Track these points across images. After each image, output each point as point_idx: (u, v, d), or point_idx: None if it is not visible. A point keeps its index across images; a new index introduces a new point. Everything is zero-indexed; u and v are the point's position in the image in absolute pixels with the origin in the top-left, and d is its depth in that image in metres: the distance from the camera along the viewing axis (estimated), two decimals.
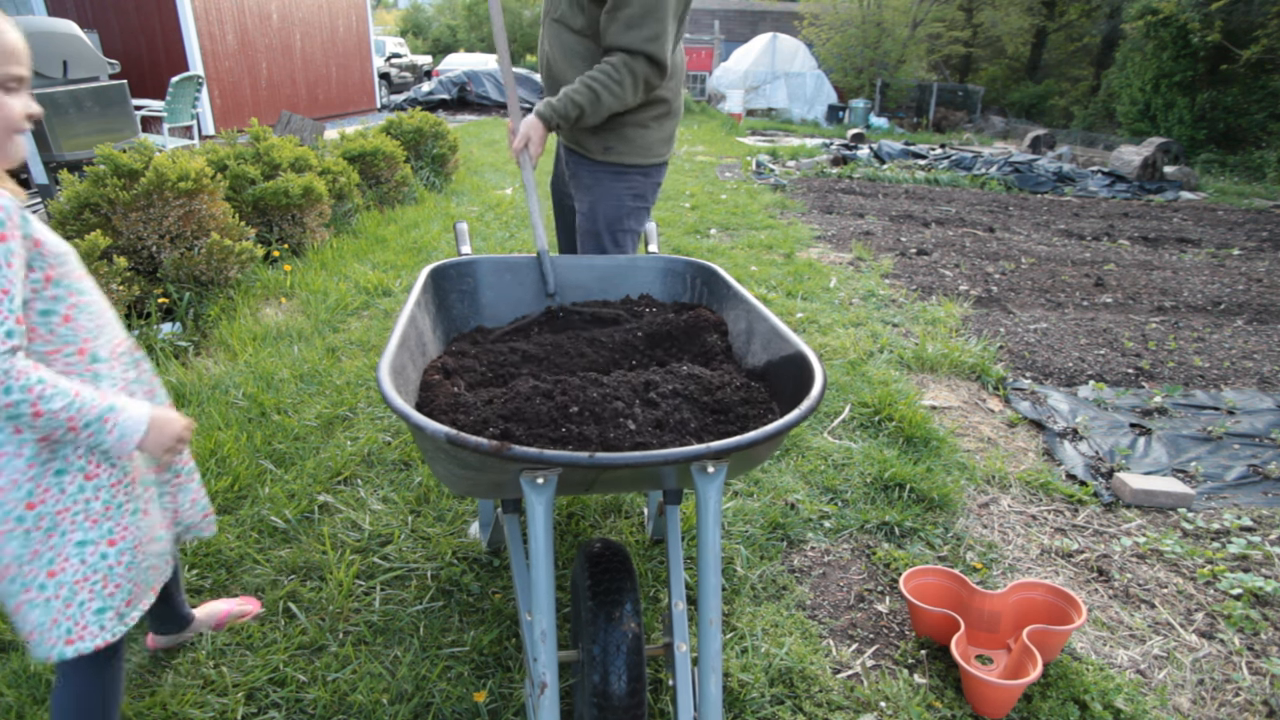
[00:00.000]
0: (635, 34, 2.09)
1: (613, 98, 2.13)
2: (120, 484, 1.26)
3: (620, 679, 1.36)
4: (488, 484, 1.34)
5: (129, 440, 1.18)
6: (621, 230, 2.41)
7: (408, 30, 38.10)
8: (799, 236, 6.50)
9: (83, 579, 1.22)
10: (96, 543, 1.23)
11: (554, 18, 2.31)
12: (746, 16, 29.10)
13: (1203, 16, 14.18)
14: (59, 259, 1.19)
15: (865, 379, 3.47)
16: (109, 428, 1.16)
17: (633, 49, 2.10)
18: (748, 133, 16.65)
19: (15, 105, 1.15)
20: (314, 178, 4.81)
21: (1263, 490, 2.80)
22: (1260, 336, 4.57)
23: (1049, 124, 20.93)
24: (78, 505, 1.21)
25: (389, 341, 1.43)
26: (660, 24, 2.08)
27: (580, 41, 2.26)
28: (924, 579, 2.01)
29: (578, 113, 2.14)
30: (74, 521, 1.21)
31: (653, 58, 2.12)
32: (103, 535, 1.24)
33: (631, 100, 2.18)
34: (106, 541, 1.24)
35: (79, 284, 1.23)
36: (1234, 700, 1.86)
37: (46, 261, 1.17)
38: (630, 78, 2.12)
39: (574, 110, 2.13)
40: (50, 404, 1.09)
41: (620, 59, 2.12)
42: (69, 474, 1.20)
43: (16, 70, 1.14)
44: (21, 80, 1.15)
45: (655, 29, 2.08)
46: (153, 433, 1.21)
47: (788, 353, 1.50)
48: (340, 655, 1.80)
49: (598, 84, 2.12)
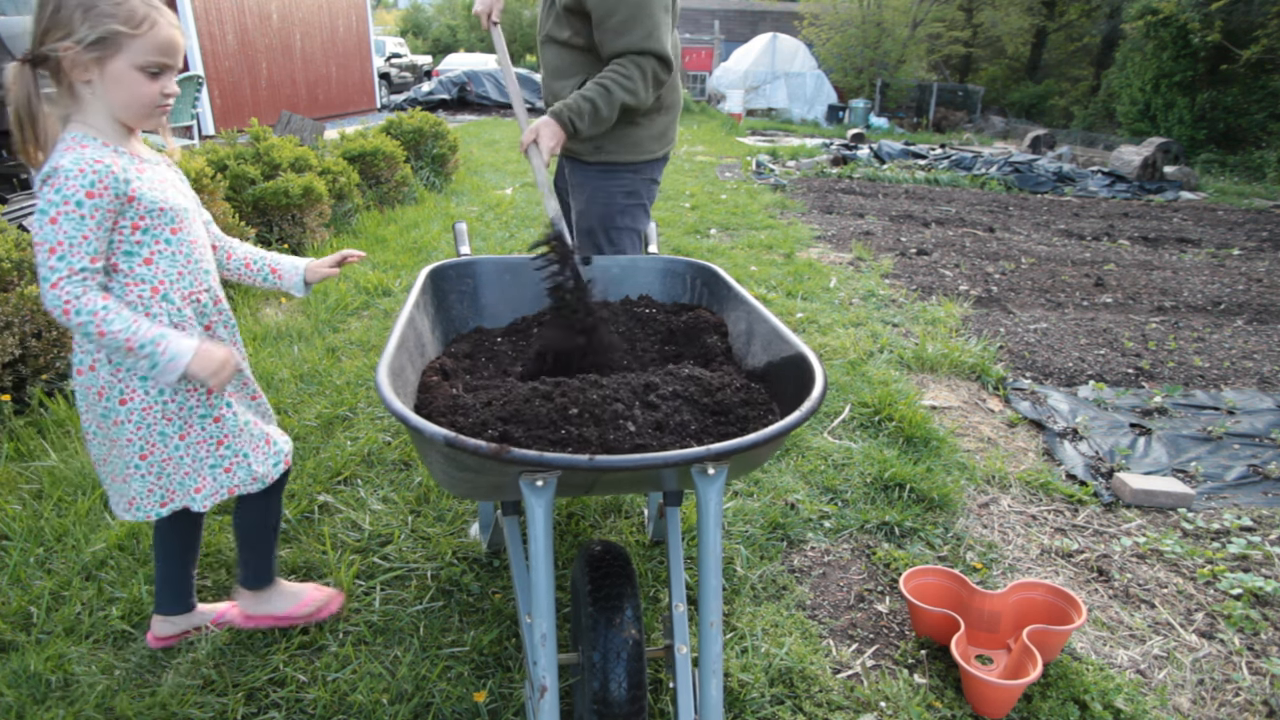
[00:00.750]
0: (630, 36, 2.11)
1: (625, 92, 2.14)
2: (194, 391, 1.53)
3: (620, 685, 1.36)
4: (487, 486, 1.33)
5: (178, 362, 1.39)
6: (615, 228, 2.42)
7: (408, 30, 38.11)
8: (799, 236, 6.50)
9: (166, 458, 1.53)
10: (172, 436, 1.53)
11: (544, 34, 2.34)
12: (746, 16, 29.09)
13: (1203, 16, 14.18)
14: (152, 214, 1.44)
15: (865, 379, 3.47)
16: (160, 350, 1.38)
17: (632, 50, 2.13)
18: (748, 133, 16.65)
19: (154, 87, 1.39)
20: (314, 178, 4.81)
21: (1263, 490, 2.80)
22: (1260, 336, 4.57)
23: (1049, 124, 20.93)
24: (158, 404, 1.50)
25: (388, 343, 1.43)
26: (651, 19, 2.11)
27: (569, 54, 2.29)
28: (924, 579, 2.01)
29: (590, 107, 2.13)
30: (155, 417, 1.50)
31: (654, 53, 2.14)
32: (175, 430, 1.53)
33: (645, 96, 2.19)
34: (178, 436, 1.53)
35: (168, 235, 1.48)
36: (1234, 700, 1.86)
37: (138, 213, 1.42)
38: (639, 72, 2.14)
39: (586, 105, 2.13)
40: (110, 325, 1.34)
41: (626, 59, 2.14)
42: (150, 379, 1.47)
43: (162, 60, 1.38)
44: (165, 68, 1.39)
45: (648, 26, 2.11)
46: (198, 359, 1.41)
47: (788, 354, 1.50)
48: (340, 655, 1.80)
49: (608, 80, 2.14)
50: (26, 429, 2.66)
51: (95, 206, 1.34)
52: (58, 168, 1.33)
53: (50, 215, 1.32)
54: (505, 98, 17.86)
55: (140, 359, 1.38)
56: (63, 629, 1.85)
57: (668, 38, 2.18)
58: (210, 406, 1.56)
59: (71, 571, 2.03)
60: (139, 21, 1.33)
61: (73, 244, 1.33)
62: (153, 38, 1.35)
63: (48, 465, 2.48)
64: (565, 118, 2.13)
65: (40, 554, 2.10)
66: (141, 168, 1.44)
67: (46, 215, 1.32)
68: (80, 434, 2.67)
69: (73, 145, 1.36)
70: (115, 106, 1.39)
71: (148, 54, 1.35)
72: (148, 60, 1.36)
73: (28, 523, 2.20)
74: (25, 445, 2.59)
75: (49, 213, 1.32)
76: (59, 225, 1.32)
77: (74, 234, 1.33)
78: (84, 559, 2.07)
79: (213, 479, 1.60)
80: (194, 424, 1.55)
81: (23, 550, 2.10)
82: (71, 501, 2.32)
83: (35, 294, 2.70)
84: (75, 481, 2.40)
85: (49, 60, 1.34)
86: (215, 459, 1.59)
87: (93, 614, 1.90)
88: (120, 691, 1.68)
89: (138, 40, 1.34)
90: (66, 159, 1.33)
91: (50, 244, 1.32)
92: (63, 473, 2.44)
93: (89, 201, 1.33)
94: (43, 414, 2.74)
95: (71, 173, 1.32)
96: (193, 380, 1.46)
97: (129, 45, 1.33)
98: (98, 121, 1.40)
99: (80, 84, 1.36)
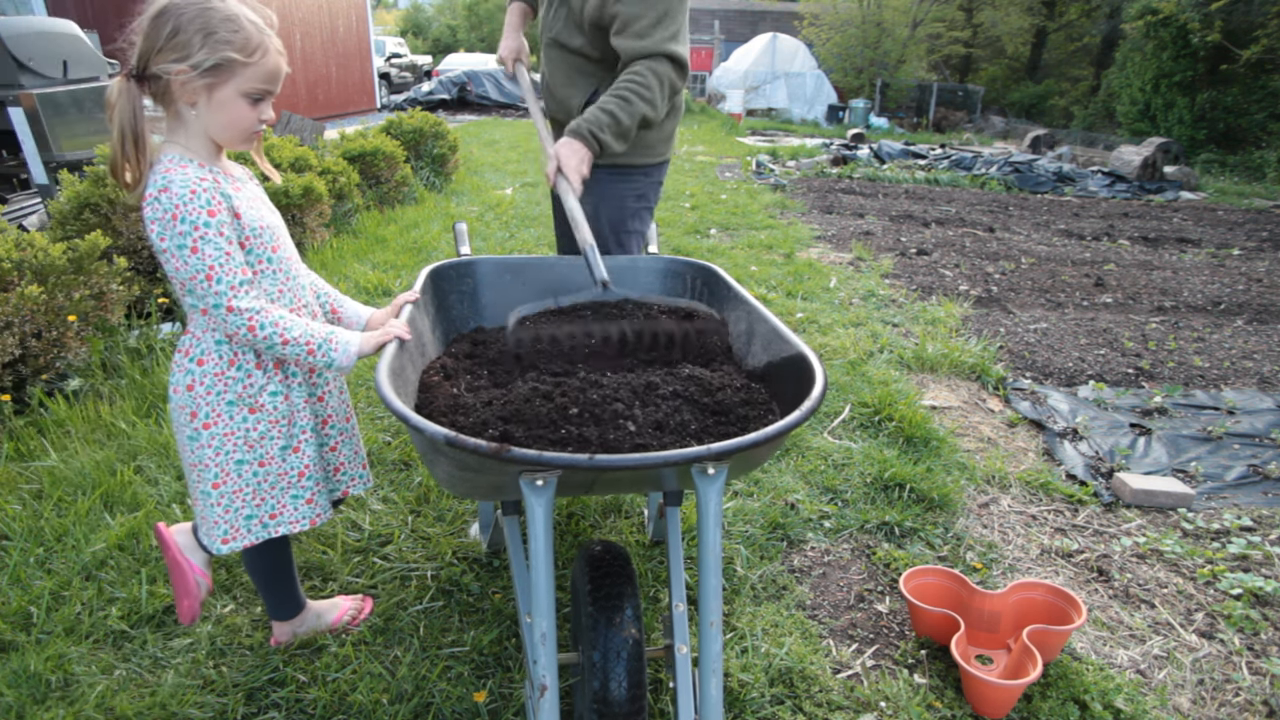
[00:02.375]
0: (652, 39, 2.01)
1: (644, 103, 2.00)
2: (277, 423, 1.52)
3: (621, 685, 1.36)
4: (487, 486, 1.33)
5: (352, 352, 1.44)
6: (626, 232, 2.37)
7: (408, 30, 38.11)
8: (799, 236, 6.50)
9: (236, 490, 1.51)
10: (250, 463, 1.50)
11: (550, 37, 2.24)
12: (746, 16, 29.09)
13: (1203, 16, 14.17)
14: (254, 232, 1.44)
15: (865, 379, 3.47)
16: (334, 345, 1.43)
17: (653, 53, 2.01)
18: (748, 133, 16.65)
19: (254, 113, 1.41)
20: (314, 178, 4.81)
21: (1263, 490, 2.80)
22: (1260, 336, 4.57)
23: (1049, 124, 20.92)
24: (239, 431, 1.48)
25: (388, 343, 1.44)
26: (675, 23, 2.02)
27: (579, 62, 2.20)
28: (924, 579, 2.01)
29: (610, 120, 1.98)
30: (235, 444, 1.49)
31: (674, 57, 2.03)
32: (255, 458, 1.51)
33: (661, 106, 2.06)
34: (257, 463, 1.51)
35: (269, 254, 1.48)
36: (1234, 700, 1.86)
37: (244, 234, 1.42)
38: (657, 81, 2.01)
39: (606, 118, 1.97)
40: (292, 333, 1.39)
41: (643, 66, 2.02)
42: (237, 406, 1.47)
43: (266, 88, 1.40)
44: (266, 94, 1.41)
45: (672, 29, 2.02)
46: (366, 342, 1.47)
47: (788, 354, 1.50)
48: (340, 655, 1.80)
49: (627, 90, 2.00)
50: (26, 429, 2.66)
51: (220, 223, 1.35)
52: (167, 192, 1.32)
53: (189, 246, 1.32)
54: (505, 98, 17.90)
55: (319, 358, 1.42)
56: (63, 629, 1.85)
57: (687, 45, 2.09)
58: (290, 437, 1.55)
59: (71, 571, 2.03)
60: (253, 50, 1.34)
61: (222, 263, 1.34)
62: (263, 66, 1.37)
63: (48, 465, 2.48)
64: (586, 132, 1.96)
65: (40, 554, 2.10)
66: (237, 186, 1.45)
67: (185, 249, 1.32)
68: (81, 434, 2.68)
69: (171, 167, 1.35)
70: (213, 128, 1.39)
71: (255, 81, 1.37)
72: (254, 87, 1.37)
73: (28, 523, 2.20)
74: (25, 445, 2.59)
75: (186, 245, 1.32)
76: (201, 252, 1.33)
77: (218, 254, 1.34)
78: (84, 559, 2.07)
79: (293, 508, 1.58)
80: (274, 456, 1.53)
81: (23, 550, 2.10)
82: (71, 501, 2.32)
83: (35, 294, 2.70)
84: (75, 481, 2.40)
85: (158, 80, 1.33)
86: (297, 489, 1.58)
87: (93, 614, 1.90)
88: (120, 691, 1.68)
89: (250, 68, 1.35)
90: (174, 183, 1.33)
91: (204, 272, 1.33)
92: (63, 473, 2.44)
93: (214, 220, 1.35)
94: (43, 414, 2.74)
95: (185, 196, 1.32)
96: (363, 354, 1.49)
97: (241, 73, 1.34)
98: (193, 143, 1.40)
99: (184, 105, 1.36)
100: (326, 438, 1.67)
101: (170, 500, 2.35)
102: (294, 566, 1.79)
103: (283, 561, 1.73)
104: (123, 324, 3.21)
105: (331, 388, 1.66)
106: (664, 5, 1.99)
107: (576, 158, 1.94)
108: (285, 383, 1.53)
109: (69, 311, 2.88)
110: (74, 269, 2.93)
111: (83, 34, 6.00)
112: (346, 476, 1.73)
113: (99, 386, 2.94)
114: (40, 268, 2.82)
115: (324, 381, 1.63)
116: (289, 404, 1.53)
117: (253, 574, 1.74)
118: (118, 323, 3.16)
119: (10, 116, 4.86)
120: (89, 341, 2.97)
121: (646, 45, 2.01)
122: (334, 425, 1.67)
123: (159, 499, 2.35)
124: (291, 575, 1.78)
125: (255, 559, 1.69)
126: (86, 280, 2.99)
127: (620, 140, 2.02)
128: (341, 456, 1.71)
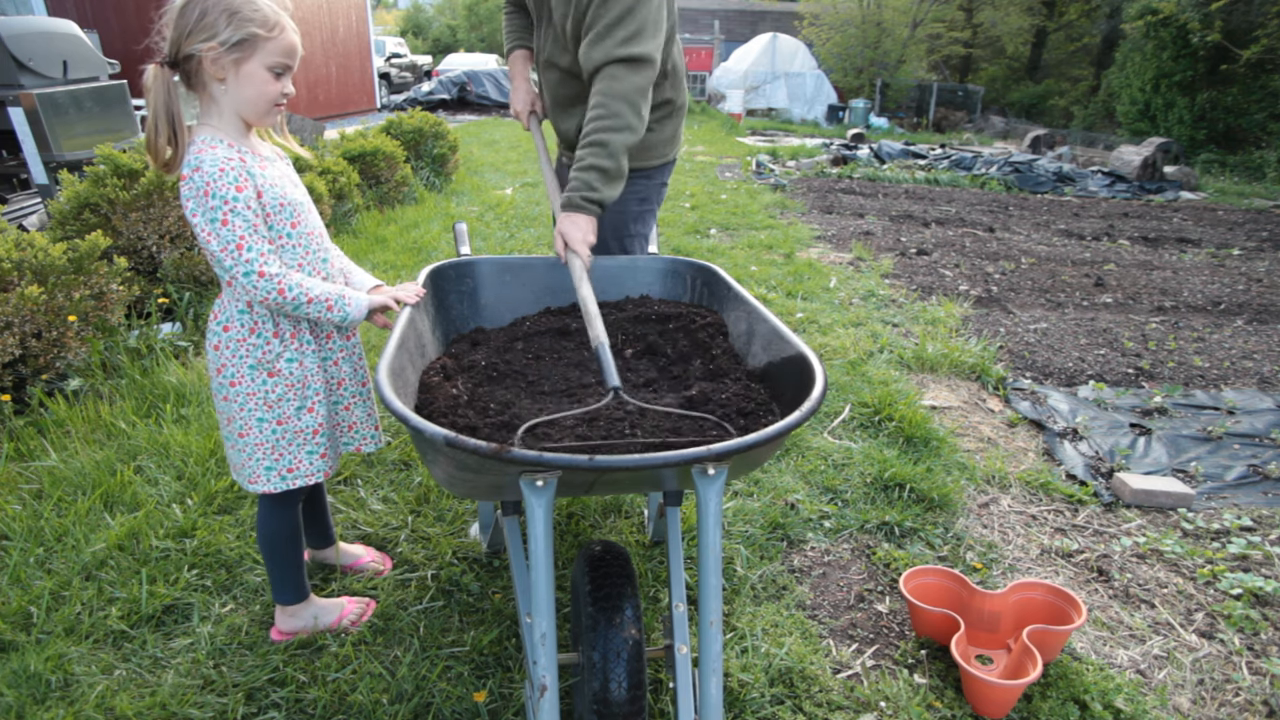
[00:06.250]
0: (603, 46, 1.89)
1: (619, 134, 1.88)
2: (292, 387, 1.66)
3: (621, 685, 1.36)
4: (487, 486, 1.33)
5: (362, 305, 1.63)
6: (629, 236, 2.34)
7: (408, 30, 38.10)
8: (799, 236, 6.50)
9: (258, 443, 1.66)
10: (269, 421, 1.65)
11: (544, 59, 2.19)
12: (746, 16, 29.09)
13: (1203, 16, 14.17)
14: (274, 209, 1.56)
15: (865, 379, 3.47)
16: (347, 300, 1.60)
17: (606, 61, 1.90)
18: (748, 133, 16.64)
19: (277, 87, 1.53)
20: (314, 178, 4.81)
21: (1263, 490, 2.80)
22: (1260, 336, 4.57)
23: (1049, 124, 20.92)
24: (260, 393, 1.63)
25: (388, 343, 1.44)
26: (636, 21, 1.89)
27: (570, 83, 2.14)
28: (924, 579, 2.01)
29: (595, 175, 1.88)
30: (256, 404, 1.64)
31: (630, 59, 1.88)
32: (274, 416, 1.65)
33: (639, 121, 1.92)
34: (276, 421, 1.66)
35: (289, 230, 1.61)
36: (1234, 700, 1.86)
37: (266, 210, 1.55)
38: (622, 102, 1.88)
39: (591, 175, 1.88)
40: (313, 291, 1.55)
41: (601, 88, 1.90)
42: (258, 370, 1.62)
43: (286, 61, 1.52)
44: (287, 69, 1.53)
45: (631, 28, 1.88)
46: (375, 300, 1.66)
47: (788, 354, 1.50)
48: (340, 655, 1.80)
49: (596, 132, 1.88)
50: (26, 429, 2.66)
51: (247, 199, 1.49)
52: (199, 171, 1.45)
53: (220, 219, 1.46)
54: (505, 98, 17.88)
55: (335, 313, 1.59)
56: (63, 629, 1.85)
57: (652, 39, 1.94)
58: (304, 399, 1.68)
59: (71, 571, 2.03)
60: (272, 25, 1.47)
61: (250, 234, 1.49)
62: (282, 41, 1.50)
63: (48, 465, 2.48)
64: (579, 201, 1.87)
65: (40, 554, 2.10)
66: (263, 165, 1.57)
67: (216, 221, 1.46)
68: (81, 434, 2.68)
69: (203, 147, 1.48)
70: (241, 103, 1.51)
71: (276, 55, 1.49)
72: (275, 61, 1.50)
73: (28, 523, 2.20)
74: (25, 445, 2.59)
75: (217, 218, 1.46)
76: (231, 224, 1.47)
77: (246, 226, 1.48)
78: (84, 559, 2.07)
79: (309, 462, 1.71)
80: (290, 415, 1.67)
81: (23, 550, 2.10)
82: (71, 501, 2.32)
83: (35, 294, 2.70)
84: (75, 481, 2.40)
85: (191, 60, 1.46)
86: (312, 445, 1.71)
87: (93, 614, 1.90)
88: (120, 691, 1.68)
89: (271, 43, 1.48)
90: (205, 162, 1.46)
91: (234, 242, 1.47)
92: (63, 473, 2.44)
93: (240, 195, 1.48)
94: (43, 414, 2.74)
95: (214, 174, 1.46)
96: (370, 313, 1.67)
97: (263, 47, 1.47)
98: (223, 123, 1.53)
99: (215, 82, 1.48)
100: (340, 398, 1.80)
101: (170, 500, 2.35)
102: (302, 545, 1.84)
103: (292, 532, 1.80)
104: (123, 324, 3.21)
105: (343, 354, 1.77)
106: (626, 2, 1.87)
107: (580, 230, 1.86)
108: (300, 350, 1.66)
109: (69, 311, 2.88)
110: (74, 269, 2.93)
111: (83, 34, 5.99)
112: (359, 435, 1.85)
113: (99, 386, 2.94)
114: (40, 268, 2.82)
115: (336, 349, 1.76)
116: (303, 369, 1.67)
117: (262, 543, 1.80)
118: (118, 323, 3.16)
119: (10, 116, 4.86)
120: (89, 341, 2.97)
121: (598, 55, 1.89)
122: (347, 388, 1.80)
123: (159, 499, 2.35)
124: (298, 553, 1.82)
125: (268, 518, 1.77)
126: (86, 280, 2.99)
127: (615, 183, 1.93)
128: (354, 416, 1.83)
